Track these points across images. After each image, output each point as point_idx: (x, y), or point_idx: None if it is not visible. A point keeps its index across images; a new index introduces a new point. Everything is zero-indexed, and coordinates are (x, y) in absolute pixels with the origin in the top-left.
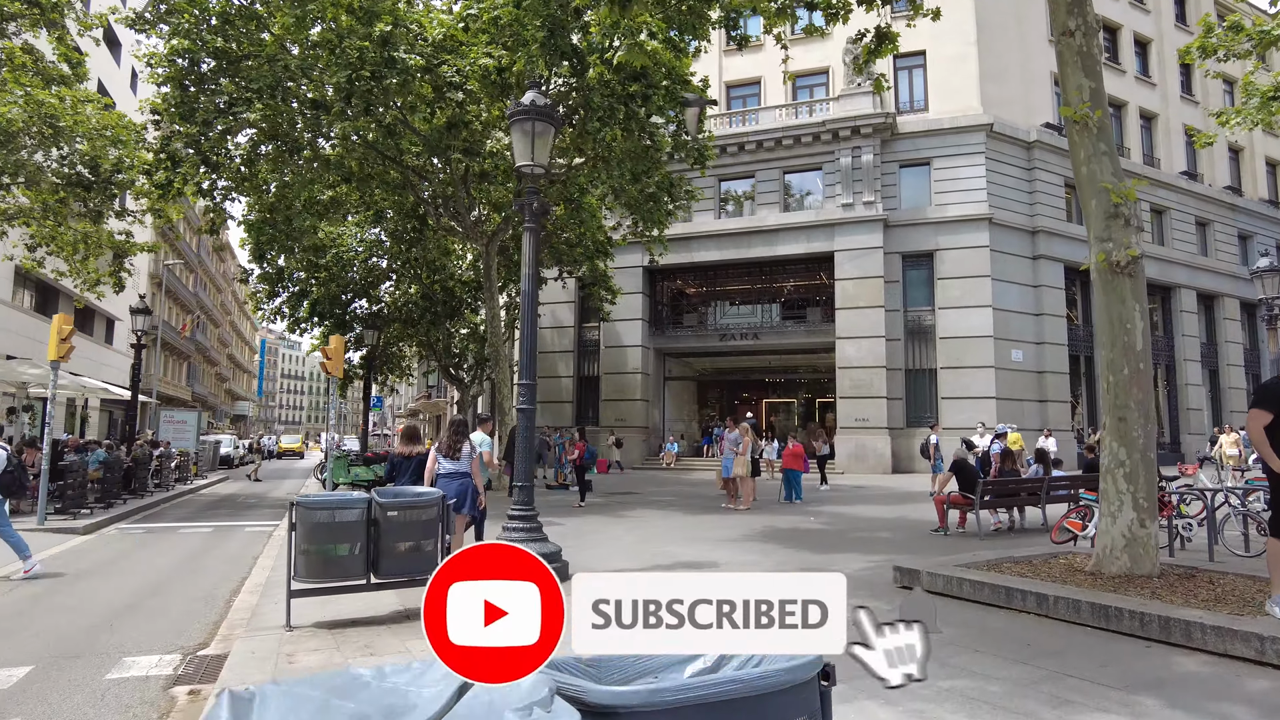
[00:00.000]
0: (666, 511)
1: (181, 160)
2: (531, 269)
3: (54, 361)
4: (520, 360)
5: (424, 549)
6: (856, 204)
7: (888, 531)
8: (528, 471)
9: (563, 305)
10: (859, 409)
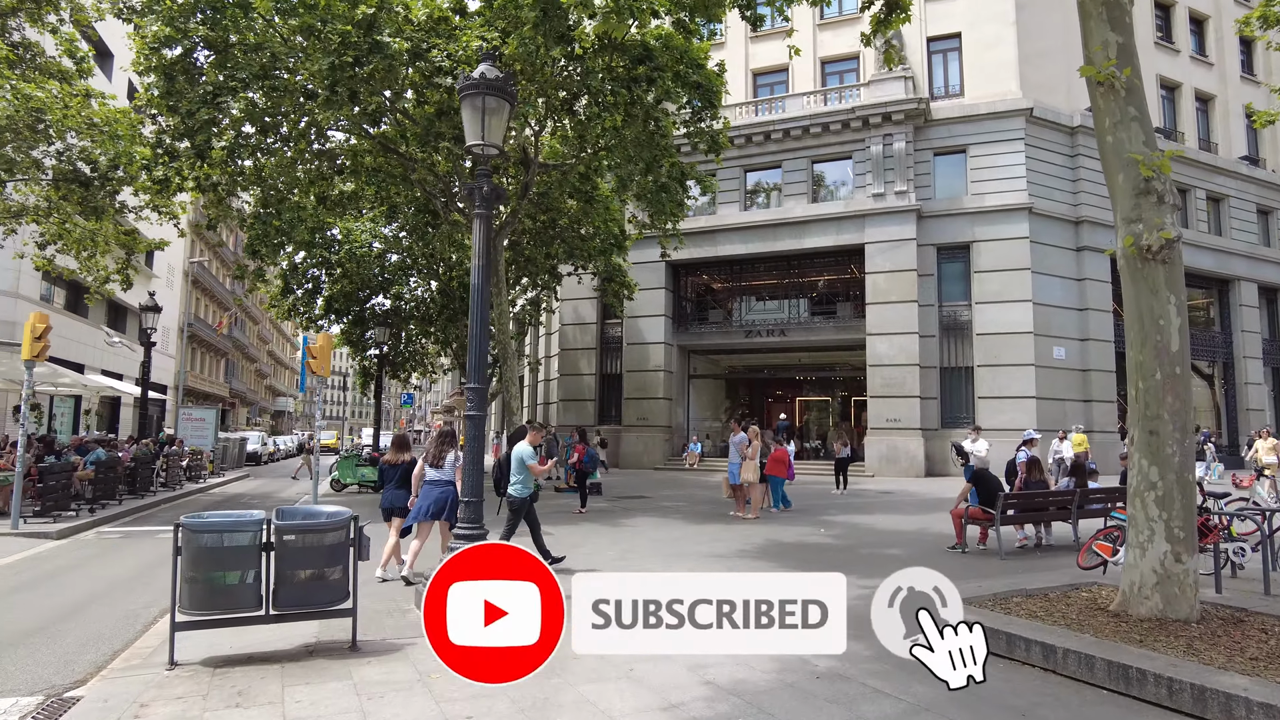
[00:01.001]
0: (667, 520)
1: (178, 155)
2: (483, 260)
3: (28, 361)
4: (470, 361)
5: (328, 577)
6: (888, 194)
7: (900, 547)
8: (474, 485)
9: (585, 301)
10: (890, 409)
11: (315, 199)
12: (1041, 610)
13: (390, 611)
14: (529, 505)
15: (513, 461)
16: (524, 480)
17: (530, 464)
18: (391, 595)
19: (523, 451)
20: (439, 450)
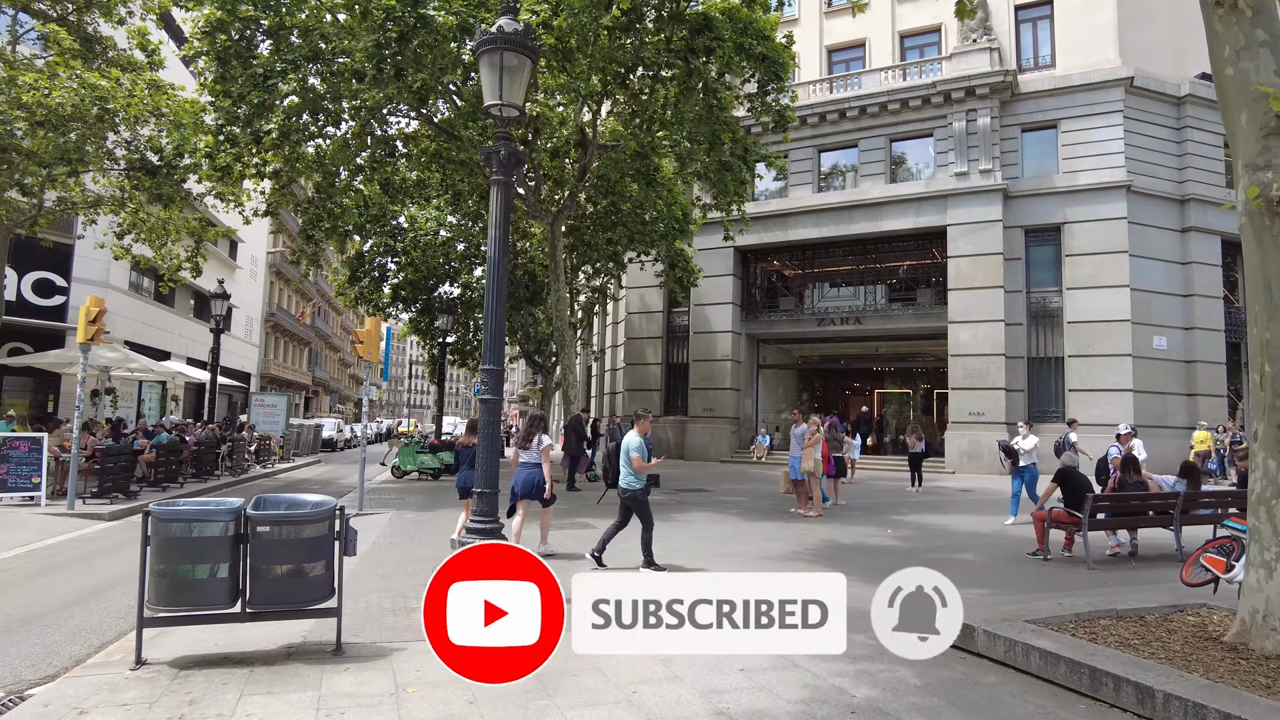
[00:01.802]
0: (722, 516)
1: (237, 141)
2: (500, 230)
3: (83, 344)
4: (485, 341)
5: (307, 573)
6: (972, 173)
7: (974, 552)
8: (488, 475)
9: (651, 289)
10: (973, 401)
11: (379, 186)
12: (1136, 637)
13: (395, 609)
14: (644, 500)
15: (621, 452)
16: (635, 471)
17: (633, 456)
18: (402, 590)
19: (630, 443)
20: (528, 434)
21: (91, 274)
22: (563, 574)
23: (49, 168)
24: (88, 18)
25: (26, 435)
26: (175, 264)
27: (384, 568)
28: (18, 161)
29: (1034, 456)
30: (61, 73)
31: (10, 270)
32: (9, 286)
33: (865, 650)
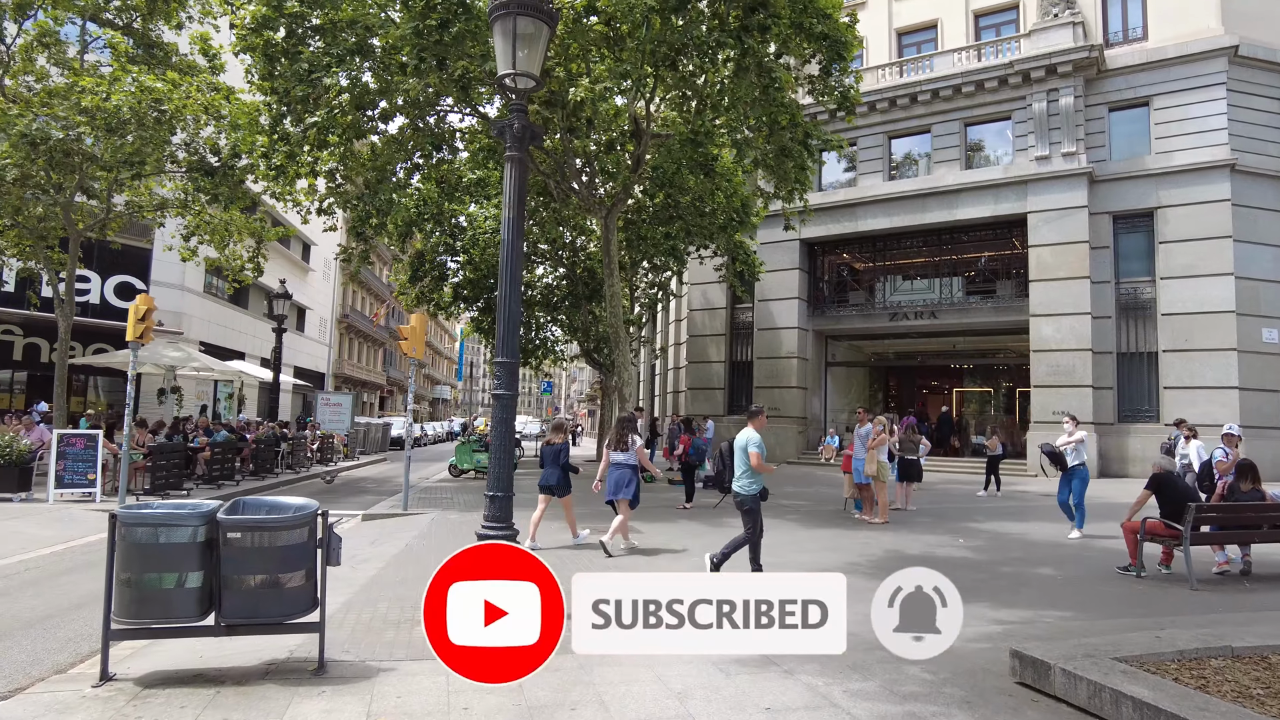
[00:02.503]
0: (780, 522)
1: (289, 139)
2: (514, 211)
3: (132, 342)
4: (499, 331)
5: (284, 584)
6: (1054, 156)
7: (1054, 566)
8: (501, 477)
9: (713, 286)
10: (1058, 400)
11: (435, 183)
12: (1259, 685)
13: (401, 622)
14: (757, 508)
15: (736, 452)
16: (751, 473)
17: (753, 453)
18: (415, 600)
19: (745, 439)
20: (620, 435)
21: (168, 277)
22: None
23: (112, 170)
24: (152, 25)
25: (83, 433)
26: (238, 264)
27: (406, 572)
28: (80, 165)
29: (1083, 455)
30: (121, 77)
31: (94, 274)
32: (93, 290)
33: (917, 686)
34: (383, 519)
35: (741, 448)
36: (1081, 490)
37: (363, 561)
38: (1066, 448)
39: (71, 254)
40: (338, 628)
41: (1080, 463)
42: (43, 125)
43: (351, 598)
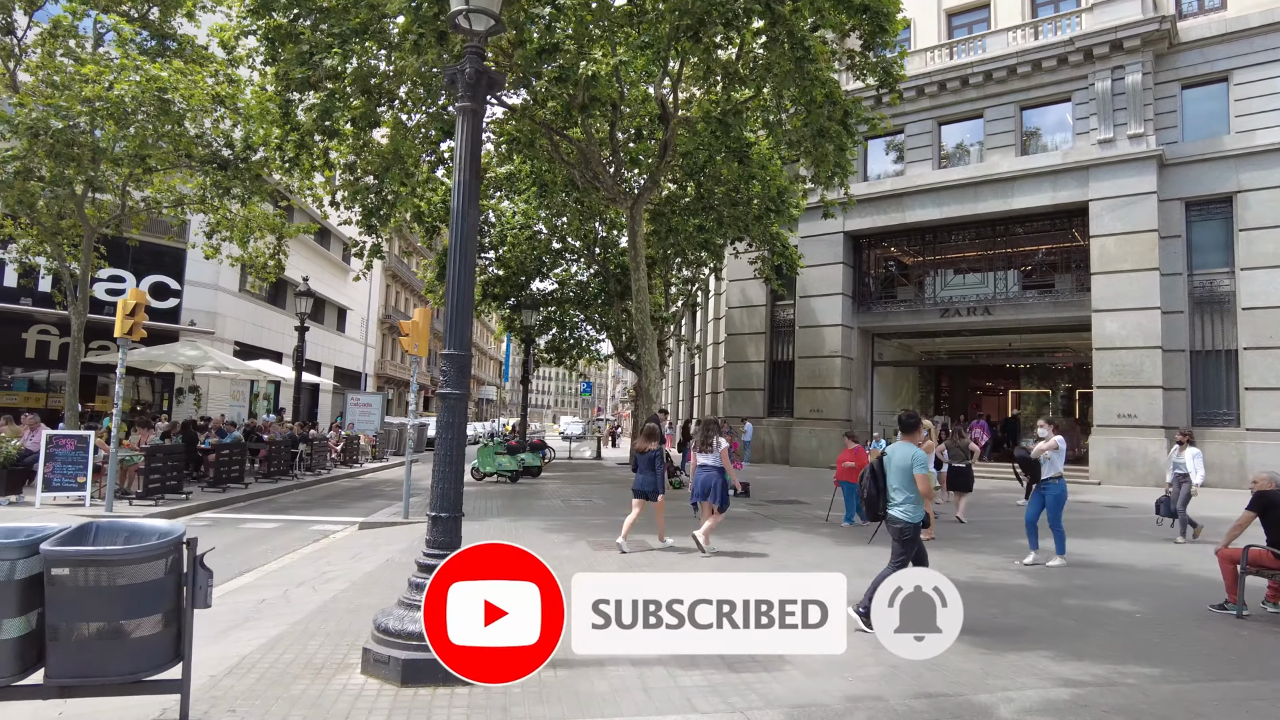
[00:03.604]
0: (811, 537)
1: (299, 127)
2: (466, 173)
3: (121, 339)
4: (447, 318)
5: (128, 634)
6: (1119, 139)
7: (1131, 598)
8: (451, 494)
9: (752, 282)
10: (1123, 401)
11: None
12: None
13: (324, 666)
14: (917, 537)
15: (892, 469)
16: (914, 497)
17: (919, 475)
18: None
19: (909, 457)
20: (705, 438)
21: (202, 277)
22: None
23: (119, 163)
24: (169, 18)
25: (73, 434)
26: (261, 261)
27: (366, 597)
28: (86, 158)
29: (1058, 467)
30: (127, 66)
31: (129, 274)
32: (128, 289)
33: None
34: (379, 528)
35: (903, 467)
36: (1057, 509)
37: (328, 581)
38: (1042, 456)
39: (85, 250)
40: (244, 674)
41: (1055, 475)
42: (42, 115)
43: (285, 631)
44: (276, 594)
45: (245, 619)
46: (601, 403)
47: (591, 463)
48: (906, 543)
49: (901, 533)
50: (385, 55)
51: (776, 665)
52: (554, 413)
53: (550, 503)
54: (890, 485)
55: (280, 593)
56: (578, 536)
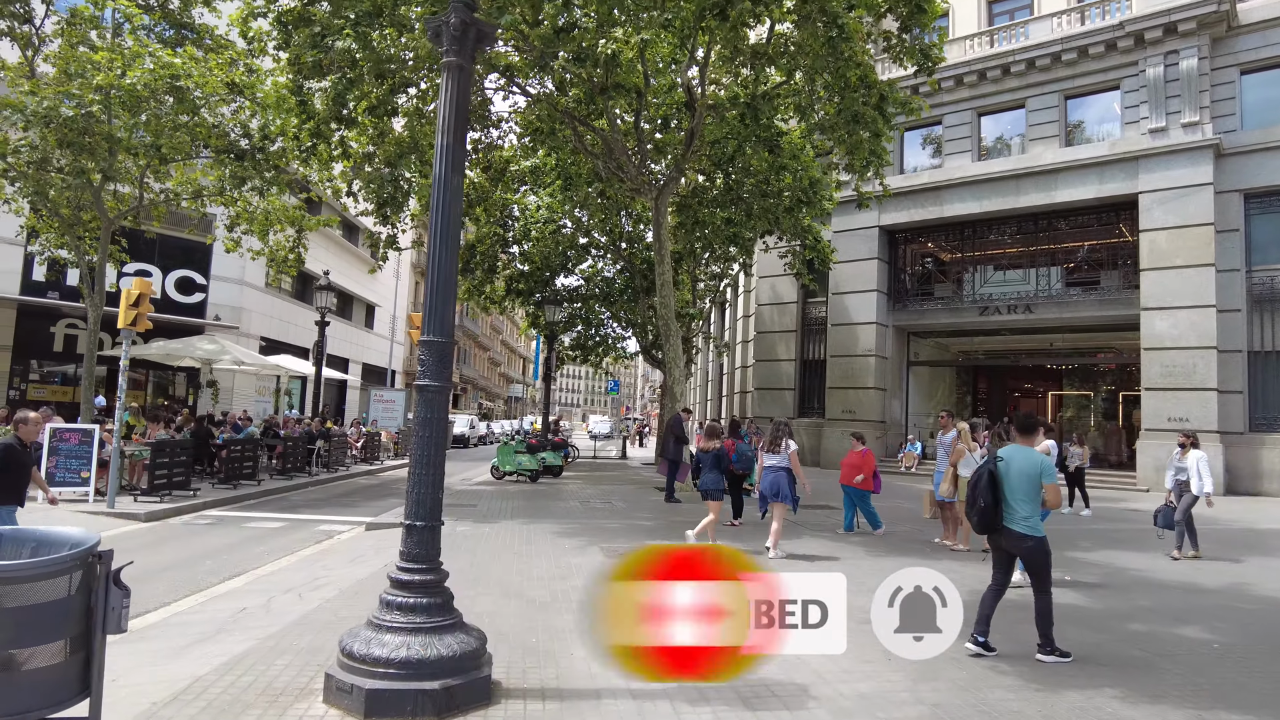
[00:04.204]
0: (841, 545)
1: (315, 115)
2: (451, 137)
3: (125, 330)
4: (426, 299)
5: (19, 665)
6: (1171, 128)
7: (1201, 624)
8: (428, 500)
9: (783, 279)
10: (1174, 404)
11: (481, 169)
12: None
13: (284, 693)
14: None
15: (1014, 477)
16: (1038, 509)
17: (1049, 485)
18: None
19: (1038, 465)
20: (774, 439)
21: (228, 272)
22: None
23: (137, 155)
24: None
25: (78, 427)
26: (281, 254)
27: (353, 608)
28: (100, 147)
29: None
30: (141, 54)
31: (155, 269)
32: (154, 284)
33: None
34: (387, 529)
35: (1031, 475)
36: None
37: (318, 587)
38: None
39: (103, 242)
40: (190, 701)
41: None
42: (54, 103)
43: (253, 647)
44: (259, 602)
45: (217, 631)
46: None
47: (616, 462)
48: (1043, 561)
49: (1033, 551)
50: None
51: (799, 702)
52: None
53: (568, 504)
54: (1011, 496)
55: (263, 600)
56: (591, 542)
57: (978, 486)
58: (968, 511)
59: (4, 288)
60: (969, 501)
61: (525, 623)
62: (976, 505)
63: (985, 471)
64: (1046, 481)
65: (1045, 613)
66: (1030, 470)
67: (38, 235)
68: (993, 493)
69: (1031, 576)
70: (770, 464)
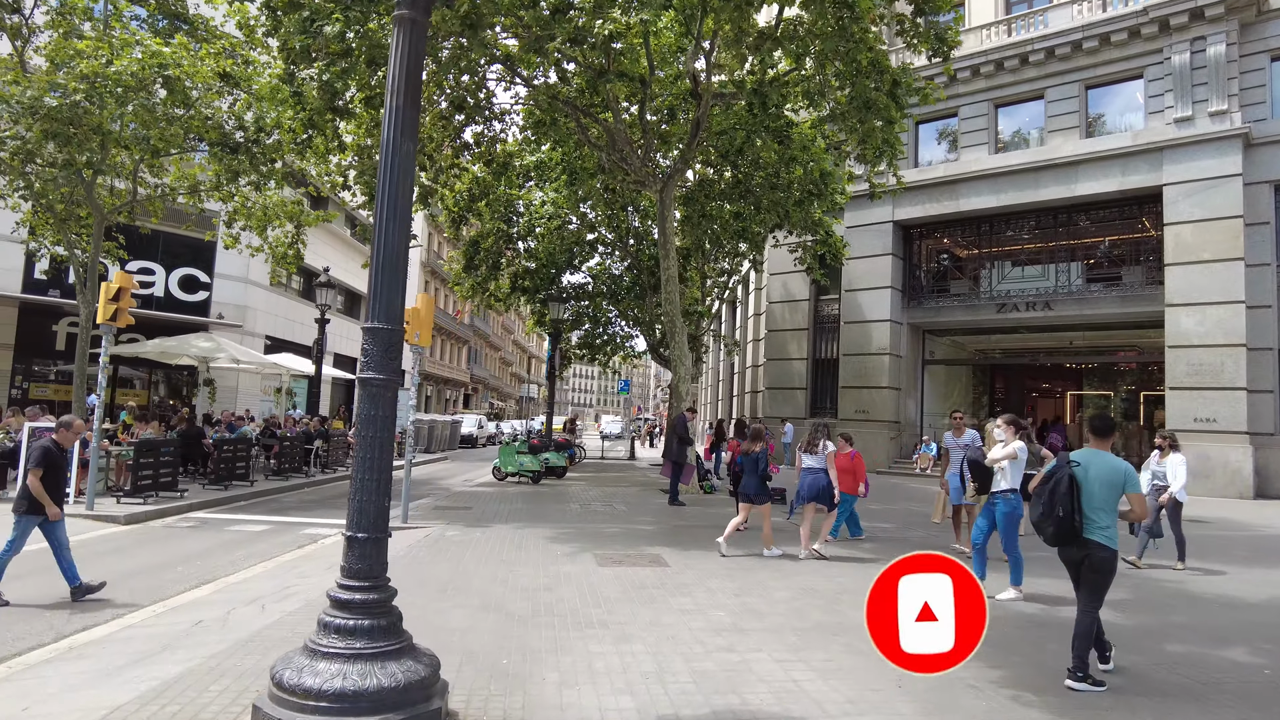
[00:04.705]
0: (852, 550)
1: (310, 105)
2: (402, 98)
3: (104, 325)
4: (370, 279)
5: None
6: (1198, 117)
7: (1247, 645)
8: (371, 509)
9: (795, 276)
10: (1201, 405)
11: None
12: None
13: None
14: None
15: (1098, 486)
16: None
17: (1132, 495)
18: None
19: (1120, 470)
20: (812, 440)
21: (232, 270)
22: None
23: (128, 147)
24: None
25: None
26: (280, 251)
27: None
28: (88, 139)
29: (1015, 479)
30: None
31: (159, 267)
32: (158, 283)
33: None
34: None
35: (1112, 483)
36: (1010, 529)
37: (286, 597)
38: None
39: (96, 237)
40: None
41: (1012, 489)
42: (37, 93)
43: (193, 667)
44: (218, 614)
45: (162, 648)
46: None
47: (624, 463)
48: (1108, 575)
49: (1105, 563)
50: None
51: None
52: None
53: (567, 507)
54: (1089, 505)
55: (224, 612)
56: (585, 548)
57: (1055, 493)
58: (1039, 521)
59: (6, 286)
60: (1043, 511)
61: (499, 641)
62: (1053, 514)
63: (1065, 476)
64: (1131, 491)
65: (1086, 633)
66: (1113, 478)
67: (34, 232)
68: (1072, 500)
69: (1088, 591)
70: (808, 465)
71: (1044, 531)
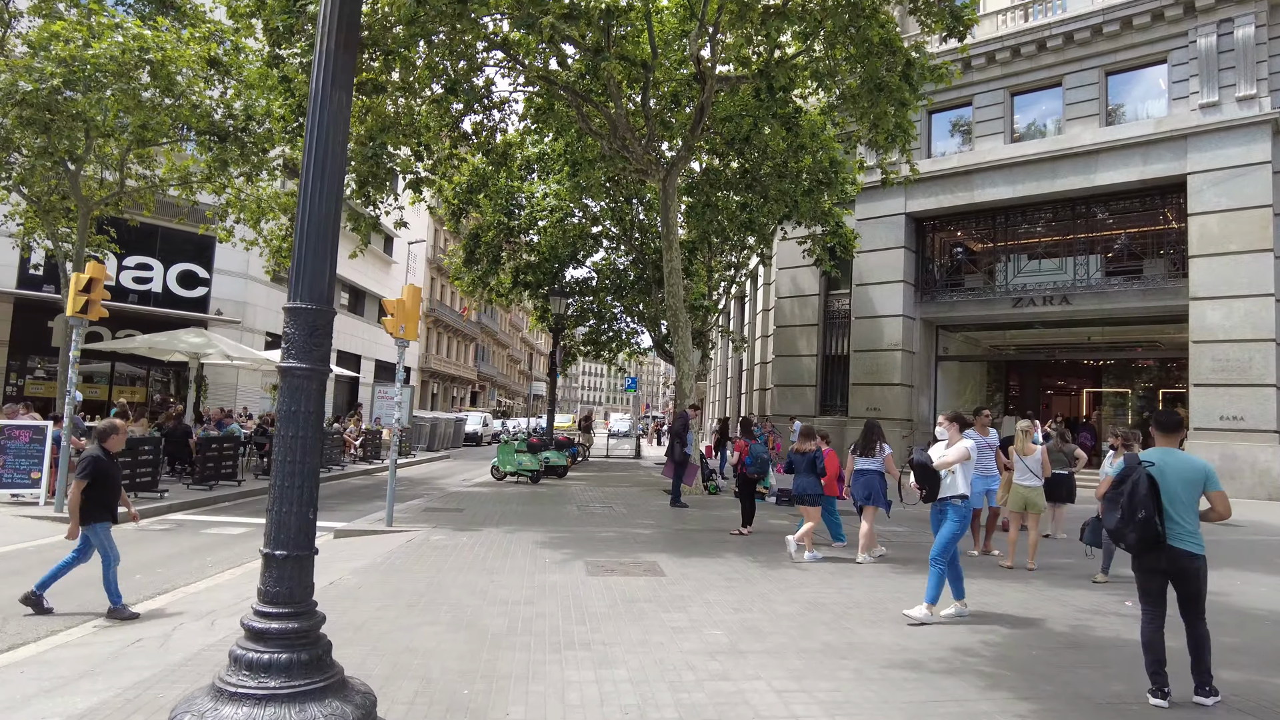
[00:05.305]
0: (851, 557)
1: (298, 91)
2: (331, 41)
3: (73, 317)
4: (295, 251)
5: None
6: (1225, 102)
7: None
8: (293, 522)
9: (804, 270)
10: (1227, 402)
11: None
12: None
13: None
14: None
15: (1177, 485)
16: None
17: (1215, 493)
18: None
19: (1200, 469)
20: (867, 442)
21: (232, 265)
22: None
23: (111, 135)
24: None
25: (29, 424)
26: (275, 244)
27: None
28: (72, 125)
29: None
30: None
31: (158, 262)
32: (156, 278)
33: None
34: (356, 537)
35: (1195, 481)
36: (951, 538)
37: (237, 612)
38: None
39: (81, 229)
40: None
41: (960, 495)
42: (12, 77)
43: (106, 700)
44: (160, 631)
45: (82, 674)
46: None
47: (628, 462)
48: (1203, 583)
49: (1197, 573)
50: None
51: None
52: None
53: (565, 508)
54: (1171, 507)
55: (167, 630)
56: (576, 555)
57: (1134, 496)
58: (1119, 529)
59: (0, 281)
60: (1122, 516)
61: (465, 664)
62: (1134, 518)
63: (1142, 476)
64: (1212, 489)
65: (1208, 644)
66: (1194, 476)
67: (24, 225)
68: (1154, 501)
69: (1191, 603)
70: (863, 467)
71: (1124, 539)
